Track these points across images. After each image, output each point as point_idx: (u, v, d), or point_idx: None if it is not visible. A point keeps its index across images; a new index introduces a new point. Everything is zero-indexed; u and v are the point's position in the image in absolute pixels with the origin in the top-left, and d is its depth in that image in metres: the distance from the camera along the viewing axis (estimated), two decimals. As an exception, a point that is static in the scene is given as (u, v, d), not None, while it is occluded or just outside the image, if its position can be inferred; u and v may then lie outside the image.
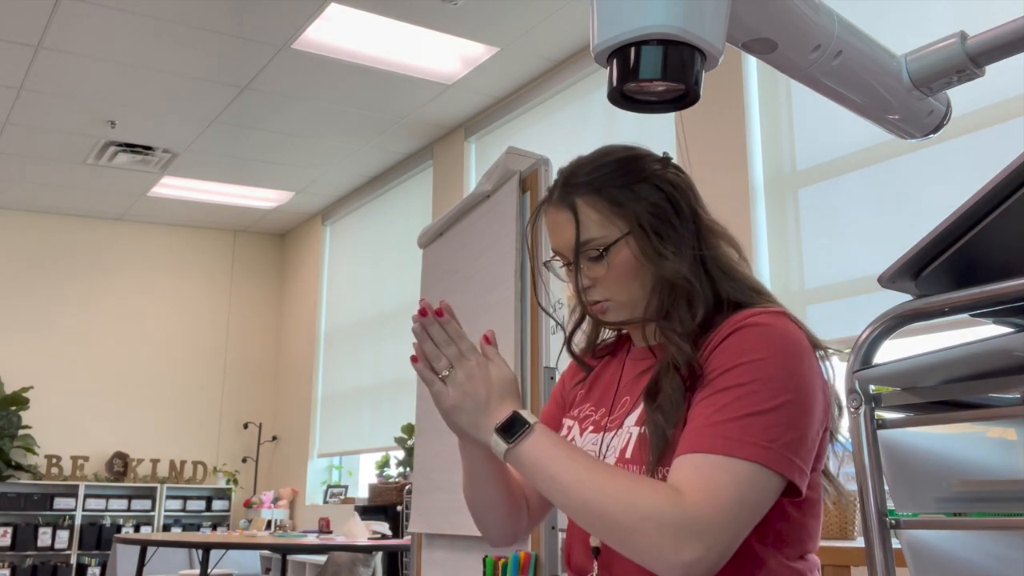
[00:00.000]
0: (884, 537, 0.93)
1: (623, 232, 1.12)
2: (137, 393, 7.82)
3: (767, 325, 1.05)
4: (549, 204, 1.18)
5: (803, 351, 1.05)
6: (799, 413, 1.01)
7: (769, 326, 1.05)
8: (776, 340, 1.04)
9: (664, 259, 1.11)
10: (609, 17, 0.92)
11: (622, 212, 1.12)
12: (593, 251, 1.13)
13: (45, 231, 7.72)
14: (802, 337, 1.06)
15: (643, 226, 1.11)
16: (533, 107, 5.38)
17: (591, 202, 1.14)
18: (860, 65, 1.13)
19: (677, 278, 1.10)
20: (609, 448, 1.12)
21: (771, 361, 1.02)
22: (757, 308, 1.09)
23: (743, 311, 1.08)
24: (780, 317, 1.07)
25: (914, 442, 1.00)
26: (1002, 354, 0.86)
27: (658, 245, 1.11)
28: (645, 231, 1.11)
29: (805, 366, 1.04)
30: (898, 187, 3.28)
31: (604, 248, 1.12)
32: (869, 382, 0.98)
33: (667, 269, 1.11)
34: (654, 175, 1.15)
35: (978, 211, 0.85)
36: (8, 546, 6.93)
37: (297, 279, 8.37)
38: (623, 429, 1.12)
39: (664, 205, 1.13)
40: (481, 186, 2.61)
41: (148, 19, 4.63)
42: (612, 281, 1.13)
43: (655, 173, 1.15)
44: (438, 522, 2.68)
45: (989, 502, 0.93)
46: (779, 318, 1.07)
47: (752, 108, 3.92)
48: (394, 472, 5.88)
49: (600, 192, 1.14)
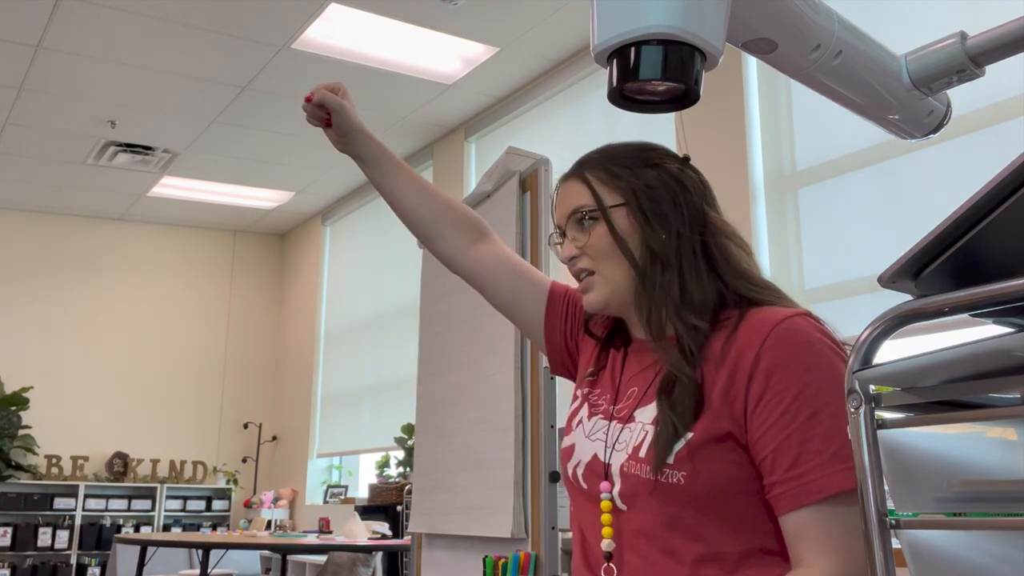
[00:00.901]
0: (884, 537, 0.93)
1: (617, 203, 1.14)
2: (137, 393, 7.82)
3: (809, 333, 1.04)
4: (561, 180, 1.21)
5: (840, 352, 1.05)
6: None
7: (811, 333, 1.04)
8: (826, 353, 1.03)
9: (651, 231, 1.11)
10: (609, 17, 0.92)
11: (620, 185, 1.14)
12: (584, 215, 1.14)
13: (45, 231, 7.72)
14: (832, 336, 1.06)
15: (638, 201, 1.13)
16: (533, 107, 5.38)
17: (595, 175, 1.16)
18: (860, 65, 1.13)
19: (658, 260, 1.10)
20: (619, 442, 1.10)
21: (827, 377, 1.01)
22: (783, 310, 1.07)
23: (770, 309, 1.07)
24: (814, 322, 1.06)
25: (914, 442, 1.00)
26: (1002, 354, 0.86)
27: (644, 223, 1.12)
28: (639, 206, 1.12)
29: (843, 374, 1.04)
30: (898, 187, 3.28)
31: (594, 212, 1.14)
32: (869, 382, 0.98)
33: (654, 241, 1.11)
34: (663, 166, 1.16)
35: (978, 211, 0.85)
36: (8, 546, 6.93)
37: (297, 279, 8.37)
38: (635, 424, 1.10)
39: (661, 190, 1.13)
40: (481, 186, 2.61)
41: (148, 19, 4.63)
42: (598, 250, 1.14)
43: (665, 165, 1.16)
44: (438, 522, 2.68)
45: (989, 502, 0.93)
46: (814, 324, 1.06)
47: (752, 108, 3.92)
48: (394, 472, 5.88)
49: (605, 168, 1.16)
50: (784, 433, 1.00)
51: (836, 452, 0.98)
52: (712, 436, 1.03)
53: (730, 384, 1.04)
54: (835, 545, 0.96)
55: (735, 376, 1.04)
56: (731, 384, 1.04)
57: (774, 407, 1.01)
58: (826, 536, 0.97)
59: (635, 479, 1.07)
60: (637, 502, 1.07)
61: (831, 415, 0.99)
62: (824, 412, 0.99)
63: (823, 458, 0.98)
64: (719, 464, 1.02)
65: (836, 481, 0.97)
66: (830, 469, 0.97)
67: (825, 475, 0.97)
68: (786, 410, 1.00)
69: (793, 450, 0.99)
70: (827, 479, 0.97)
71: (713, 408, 1.04)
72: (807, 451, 0.99)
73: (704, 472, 1.02)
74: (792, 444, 0.99)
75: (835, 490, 0.97)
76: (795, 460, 0.99)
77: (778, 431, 1.00)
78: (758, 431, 1.02)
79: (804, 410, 1.00)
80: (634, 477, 1.07)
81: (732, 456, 1.03)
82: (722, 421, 1.03)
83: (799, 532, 0.99)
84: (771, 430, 1.01)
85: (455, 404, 2.70)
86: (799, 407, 1.00)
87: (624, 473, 1.08)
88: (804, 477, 0.98)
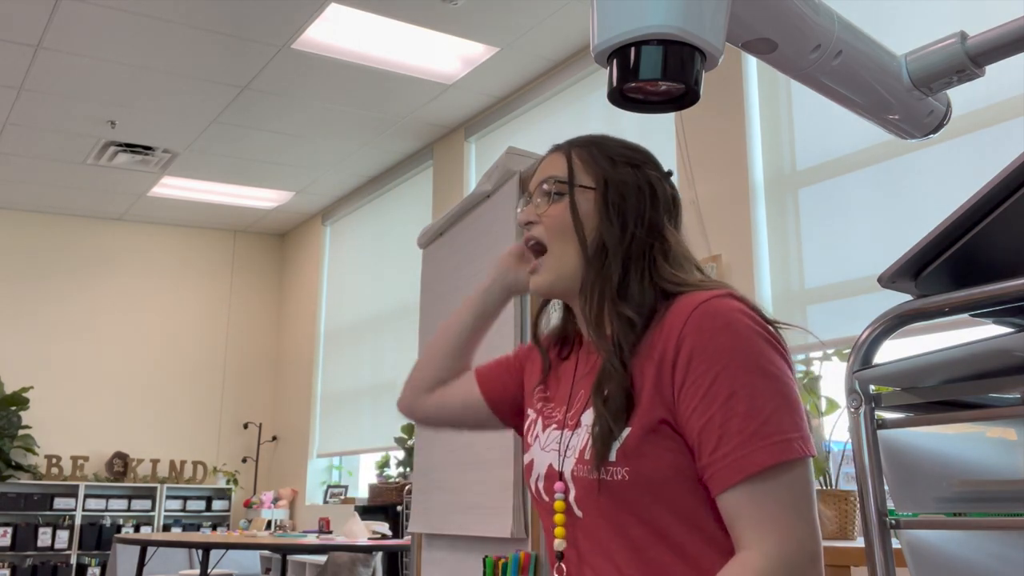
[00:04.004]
0: (884, 537, 0.93)
1: (588, 185, 1.16)
2: (137, 393, 7.82)
3: (728, 314, 1.04)
4: (548, 152, 1.24)
5: (762, 329, 1.04)
6: (788, 391, 1.02)
7: (730, 314, 1.04)
8: (743, 332, 1.03)
9: (610, 224, 1.13)
10: (609, 17, 0.93)
11: (597, 171, 1.16)
12: (553, 185, 1.17)
13: (45, 231, 7.72)
14: (753, 315, 1.05)
15: (607, 191, 1.14)
16: (533, 107, 5.38)
17: (579, 154, 1.19)
18: (860, 65, 1.13)
19: (613, 247, 1.12)
20: (569, 448, 1.12)
21: (745, 356, 1.01)
22: (703, 292, 1.07)
23: (691, 295, 1.07)
24: (733, 302, 1.06)
25: (914, 442, 1.00)
26: (1002, 354, 0.86)
27: (610, 212, 1.13)
28: (606, 196, 1.14)
29: (770, 346, 1.03)
30: (898, 187, 3.28)
31: (563, 186, 1.16)
32: (869, 382, 0.98)
33: (608, 232, 1.12)
34: (643, 171, 1.17)
35: (978, 211, 0.85)
36: (8, 546, 6.93)
37: (297, 279, 8.37)
38: (581, 428, 1.11)
39: (633, 191, 1.15)
40: (481, 186, 2.61)
41: (148, 19, 4.63)
42: (555, 224, 1.15)
43: (645, 171, 1.17)
44: (438, 522, 2.68)
45: (989, 502, 0.93)
46: (733, 304, 1.05)
47: (752, 108, 3.92)
48: (394, 472, 5.88)
49: (590, 151, 1.19)
50: (706, 416, 1.01)
51: (756, 430, 0.98)
52: (649, 428, 1.04)
53: (659, 374, 1.05)
54: (770, 522, 0.97)
55: (662, 365, 1.05)
56: (659, 373, 1.05)
57: (695, 391, 1.02)
58: (760, 514, 0.97)
59: (584, 482, 1.08)
60: (589, 505, 1.08)
61: (749, 395, 0.99)
62: (743, 392, 0.99)
63: (743, 437, 0.98)
64: (660, 454, 1.03)
65: (759, 458, 0.97)
66: (751, 447, 0.98)
67: (747, 453, 0.98)
68: (706, 393, 1.01)
69: (715, 432, 1.00)
70: (749, 457, 0.98)
71: (646, 400, 1.05)
72: (728, 432, 0.99)
73: (647, 465, 1.03)
74: (714, 426, 1.00)
75: (758, 467, 0.97)
76: (718, 442, 1.00)
77: (700, 415, 1.01)
78: (684, 416, 1.03)
79: (723, 391, 1.00)
80: (583, 480, 1.08)
81: (671, 444, 1.04)
82: (656, 411, 1.04)
83: (734, 513, 1.00)
84: (694, 414, 1.02)
85: (455, 404, 2.70)
86: (718, 389, 1.00)
87: (575, 477, 1.09)
88: (728, 457, 0.99)
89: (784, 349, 1.06)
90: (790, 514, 0.97)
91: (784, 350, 1.05)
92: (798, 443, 0.99)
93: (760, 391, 1.00)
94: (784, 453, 0.98)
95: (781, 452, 0.97)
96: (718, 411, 1.00)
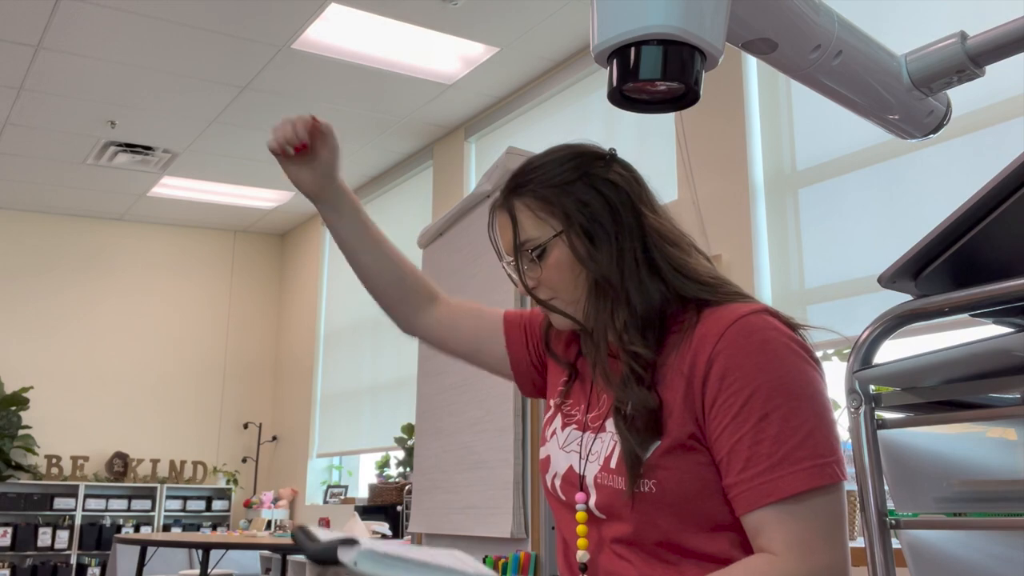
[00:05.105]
0: (884, 537, 0.93)
1: (556, 231, 1.12)
2: (137, 393, 7.81)
3: (764, 332, 1.02)
4: (495, 207, 1.20)
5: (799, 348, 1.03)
6: (824, 412, 1.00)
7: (766, 332, 1.02)
8: (780, 352, 1.01)
9: (593, 262, 1.10)
10: (609, 17, 0.92)
11: (554, 211, 1.12)
12: (529, 251, 1.13)
13: (45, 231, 7.71)
14: (790, 333, 1.04)
15: (573, 226, 1.11)
16: (533, 107, 5.38)
17: (527, 203, 1.14)
18: (860, 65, 1.13)
19: (604, 282, 1.09)
20: (592, 453, 1.10)
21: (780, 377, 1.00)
22: (740, 306, 1.06)
23: (725, 308, 1.06)
24: (770, 319, 1.04)
25: (914, 442, 1.00)
26: (1002, 354, 0.86)
27: (588, 246, 1.10)
28: (576, 231, 1.11)
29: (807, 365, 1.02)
30: (898, 187, 3.28)
31: (539, 248, 1.12)
32: (869, 382, 0.98)
33: (596, 272, 1.10)
34: (592, 174, 1.13)
35: (978, 211, 0.85)
36: (8, 546, 6.92)
37: (297, 279, 8.36)
38: (606, 433, 1.10)
39: (596, 204, 1.11)
40: (481, 186, 2.61)
41: (148, 19, 4.62)
42: (553, 281, 1.13)
43: (594, 172, 1.13)
44: (438, 522, 2.68)
45: (989, 502, 0.93)
46: (770, 321, 1.04)
47: (752, 108, 3.91)
48: (394, 472, 5.88)
49: (535, 193, 1.14)
50: (736, 436, 1.00)
51: (786, 455, 0.97)
52: (677, 443, 1.03)
53: (689, 388, 1.04)
54: (798, 544, 0.96)
55: (692, 379, 1.03)
56: (689, 388, 1.04)
57: (727, 410, 1.01)
58: (785, 531, 0.97)
59: (609, 490, 1.07)
60: (614, 511, 1.07)
61: (782, 417, 0.98)
62: (775, 415, 0.98)
63: (772, 461, 0.97)
64: (688, 468, 1.02)
65: (788, 483, 0.96)
66: (780, 471, 0.97)
67: (775, 478, 0.97)
68: (737, 413, 1.00)
69: (744, 453, 0.99)
70: (777, 482, 0.97)
71: (675, 416, 1.03)
72: (757, 455, 0.98)
73: (674, 478, 1.02)
74: (743, 447, 0.99)
75: (784, 494, 0.96)
76: (745, 463, 0.99)
77: (730, 434, 1.00)
78: (714, 433, 1.02)
79: (755, 413, 0.99)
80: (608, 488, 1.07)
81: (700, 458, 1.03)
82: (686, 426, 1.03)
83: (758, 530, 0.99)
84: (724, 433, 1.01)
85: (455, 404, 2.70)
86: (750, 410, 0.99)
87: (599, 484, 1.09)
88: (755, 480, 0.98)
89: (819, 366, 1.04)
90: (818, 538, 0.96)
91: (819, 367, 1.04)
92: (832, 467, 0.97)
93: (795, 413, 0.98)
94: (817, 479, 0.96)
95: (813, 478, 0.96)
96: (748, 432, 0.99)
